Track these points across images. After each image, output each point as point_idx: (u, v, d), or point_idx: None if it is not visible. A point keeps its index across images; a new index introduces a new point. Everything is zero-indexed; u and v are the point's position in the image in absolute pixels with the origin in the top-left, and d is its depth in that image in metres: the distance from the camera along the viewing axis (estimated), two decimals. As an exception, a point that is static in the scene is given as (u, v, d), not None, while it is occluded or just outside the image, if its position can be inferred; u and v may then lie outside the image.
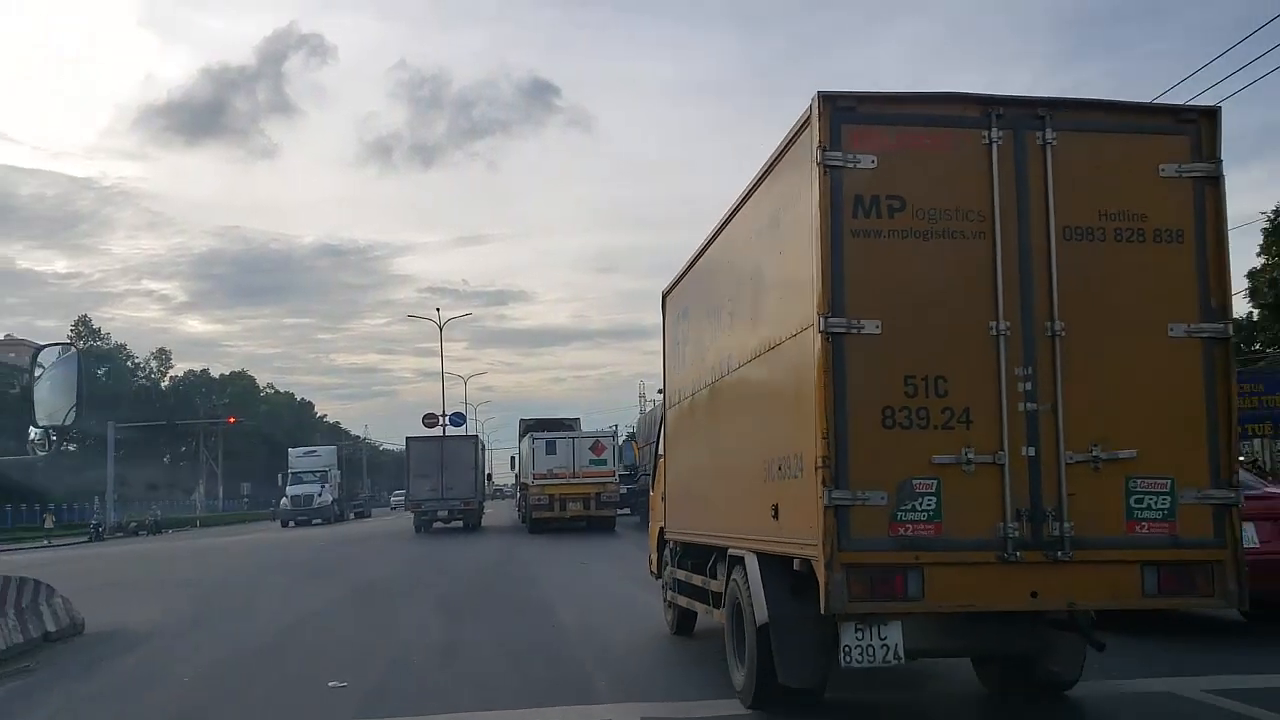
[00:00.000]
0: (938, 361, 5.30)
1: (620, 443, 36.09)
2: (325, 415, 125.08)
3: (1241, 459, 12.12)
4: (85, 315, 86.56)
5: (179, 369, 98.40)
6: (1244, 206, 51.94)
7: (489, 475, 45.87)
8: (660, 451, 10.04)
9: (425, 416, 56.97)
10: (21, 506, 59.09)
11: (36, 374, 6.71)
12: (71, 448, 78.32)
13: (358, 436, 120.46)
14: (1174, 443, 5.37)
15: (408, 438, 38.43)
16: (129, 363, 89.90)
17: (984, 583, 5.27)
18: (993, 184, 5.40)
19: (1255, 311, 34.99)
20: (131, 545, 37.52)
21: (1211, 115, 5.59)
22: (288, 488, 55.47)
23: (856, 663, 5.42)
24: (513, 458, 41.84)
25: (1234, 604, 5.40)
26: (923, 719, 6.63)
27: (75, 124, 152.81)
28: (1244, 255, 34.78)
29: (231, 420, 77.60)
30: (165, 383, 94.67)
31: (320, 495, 53.66)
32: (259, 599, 15.51)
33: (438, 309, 56.03)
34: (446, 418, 56.00)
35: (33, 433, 7.00)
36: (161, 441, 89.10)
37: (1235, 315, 7.20)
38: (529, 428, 38.11)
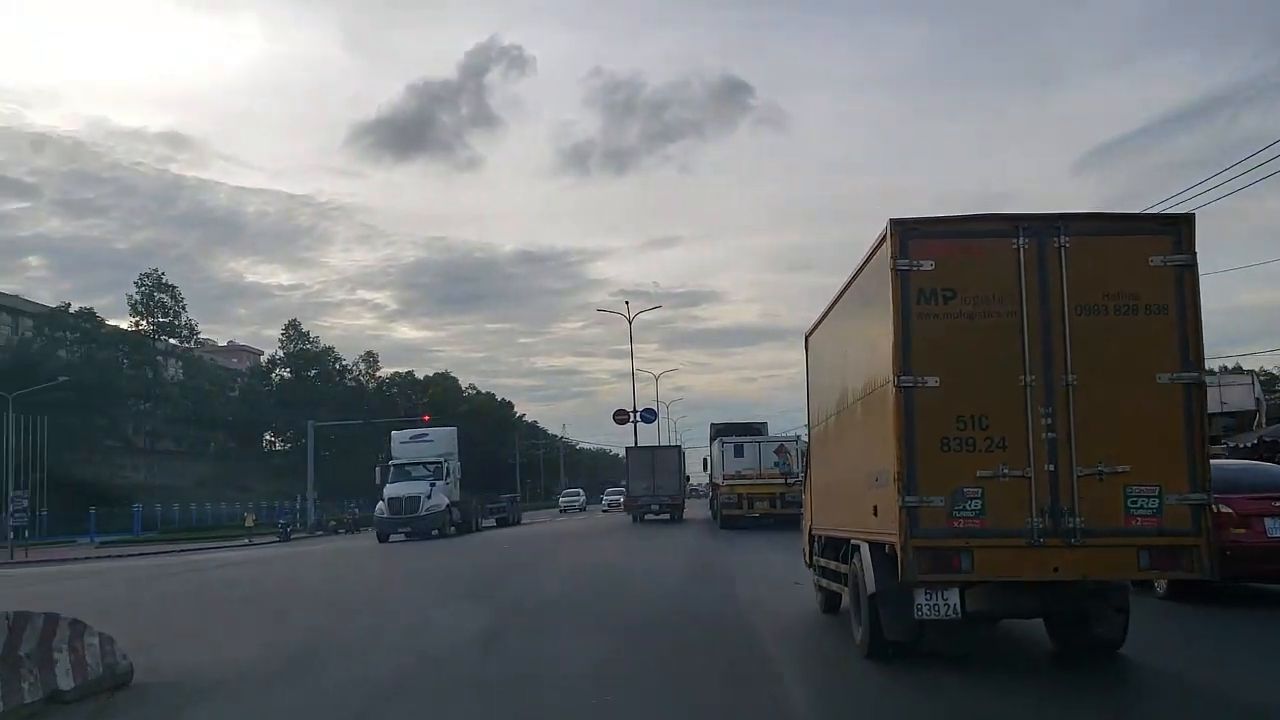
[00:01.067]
0: (981, 405, 7.51)
1: (802, 447, 38.32)
2: (524, 415, 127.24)
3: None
4: (295, 319, 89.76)
5: (385, 372, 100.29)
6: None
7: (687, 477, 50.61)
8: (808, 463, 12.40)
9: (616, 413, 57.77)
10: (221, 505, 61.52)
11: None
12: (281, 446, 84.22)
13: (555, 435, 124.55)
14: (1161, 460, 7.39)
15: (627, 447, 48.20)
16: (337, 365, 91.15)
17: (1017, 560, 7.45)
18: (1020, 277, 7.57)
19: None
20: (319, 544, 36.37)
21: (1189, 220, 7.62)
22: (386, 486, 38.80)
23: (927, 616, 7.70)
24: (704, 459, 44.66)
25: (1208, 576, 7.37)
26: (990, 667, 8.71)
27: (292, 145, 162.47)
28: None
29: (426, 418, 74.01)
30: (371, 385, 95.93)
31: (430, 497, 37.58)
32: (402, 618, 13.52)
33: (626, 302, 57.02)
34: (637, 414, 57.69)
35: None
36: (364, 441, 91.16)
37: None
38: (719, 431, 41.02)
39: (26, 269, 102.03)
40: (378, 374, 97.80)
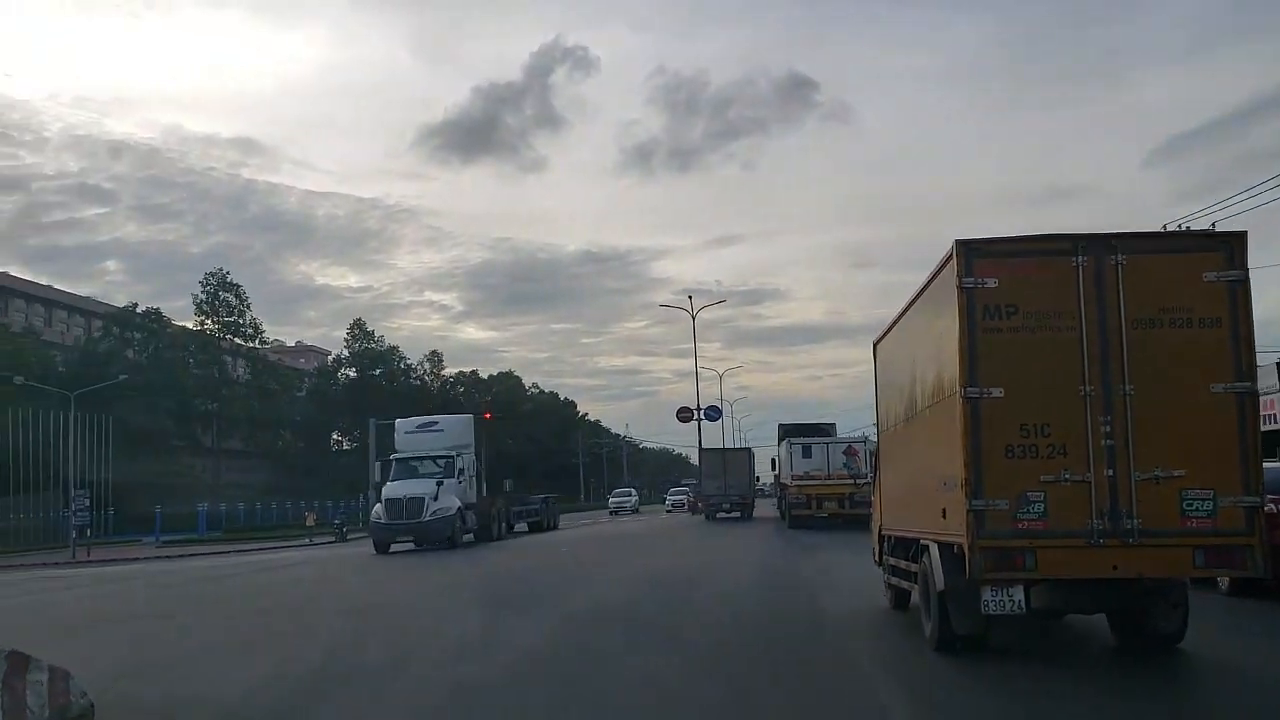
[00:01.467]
0: (1043, 414, 8.03)
1: (871, 449, 38.86)
2: (586, 414, 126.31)
3: None
4: (360, 319, 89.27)
5: (450, 371, 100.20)
6: None
7: (757, 477, 52.10)
8: (876, 466, 12.93)
9: (679, 410, 57.84)
10: (287, 505, 59.34)
11: None
12: (348, 445, 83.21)
13: (618, 435, 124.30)
14: (1215, 464, 7.85)
15: (701, 449, 53.05)
16: (402, 364, 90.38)
17: (1078, 560, 7.97)
18: (1079, 293, 8.08)
19: None
20: (367, 545, 32.27)
21: (1240, 237, 8.06)
22: (385, 485, 33.04)
23: (993, 611, 8.23)
24: (773, 459, 45.17)
25: (1260, 574, 7.84)
26: (1053, 659, 9.20)
27: (360, 149, 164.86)
28: None
29: (488, 416, 70.25)
30: (436, 384, 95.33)
31: (437, 499, 31.53)
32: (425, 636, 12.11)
33: (690, 296, 55.93)
34: (701, 411, 57.71)
35: None
36: None
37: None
38: (787, 432, 41.49)
39: (105, 273, 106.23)
40: (442, 373, 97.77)
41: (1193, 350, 7.97)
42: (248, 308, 71.17)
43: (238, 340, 71.60)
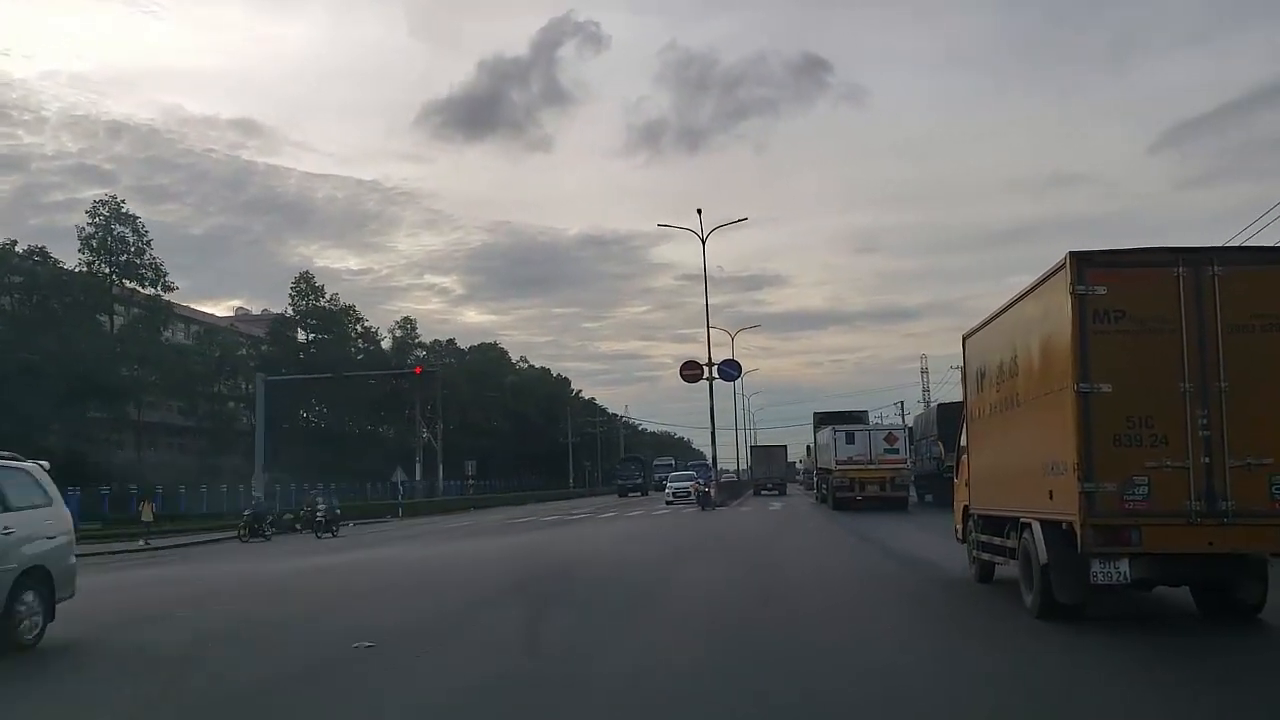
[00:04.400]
0: (1147, 407, 9.08)
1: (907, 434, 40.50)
2: (580, 391, 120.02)
3: None
4: (306, 273, 74.60)
5: (426, 340, 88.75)
6: None
7: (792, 464, 76.01)
8: (963, 449, 13.98)
9: (684, 366, 47.92)
10: (131, 488, 45.47)
11: None
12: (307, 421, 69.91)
13: (615, 415, 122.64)
14: None
15: (752, 446, 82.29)
16: (359, 327, 76.21)
17: (1178, 536, 9.04)
18: (1180, 301, 9.11)
19: None
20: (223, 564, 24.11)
21: (1329, 252, 9.08)
22: None
23: (1101, 582, 9.27)
24: (808, 446, 46.50)
25: (1343, 553, 8.89)
26: (1143, 627, 10.25)
27: (361, 131, 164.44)
28: None
29: (419, 370, 62.25)
30: (392, 347, 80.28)
31: None
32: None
33: (699, 210, 45.51)
34: (714, 367, 47.52)
35: None
36: (382, 419, 78.63)
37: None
38: (822, 419, 43.62)
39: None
40: (415, 340, 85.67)
41: None
42: (147, 245, 55.12)
43: (130, 284, 55.37)
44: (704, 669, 8.39)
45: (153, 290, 55.64)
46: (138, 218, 55.12)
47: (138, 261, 54.63)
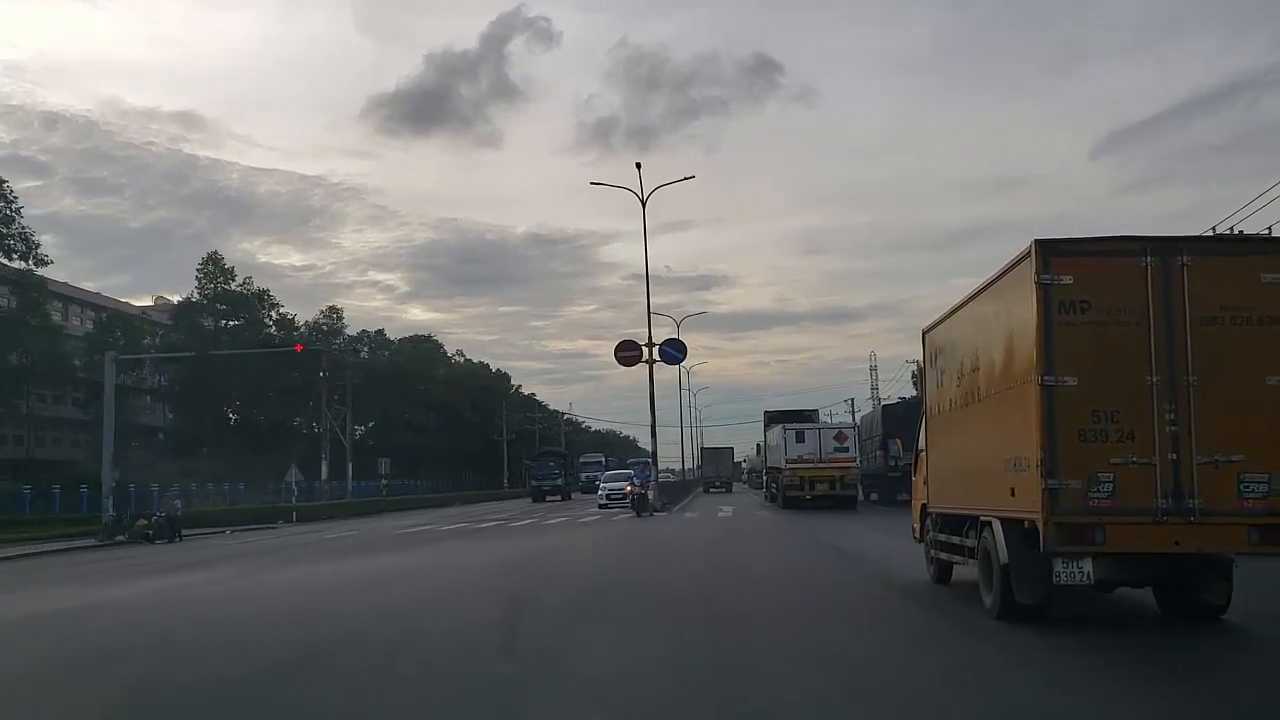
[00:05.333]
0: (1113, 401, 8.75)
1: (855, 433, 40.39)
2: (520, 386, 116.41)
3: None
4: (215, 252, 68.67)
5: (353, 331, 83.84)
6: None
7: (738, 462, 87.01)
8: (922, 447, 13.64)
9: (620, 346, 42.03)
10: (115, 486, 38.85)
11: None
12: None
13: (557, 412, 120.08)
14: (1271, 450, 8.61)
15: (703, 448, 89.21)
16: (273, 314, 71.16)
17: (1143, 535, 8.71)
18: (1147, 291, 8.80)
19: None
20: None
21: (1298, 241, 8.81)
22: None
23: (1064, 582, 8.94)
24: (758, 445, 46.30)
25: (1313, 553, 8.62)
26: (1105, 628, 9.94)
27: (306, 126, 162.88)
28: None
29: (299, 348, 55.35)
30: (303, 334, 72.04)
31: None
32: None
33: (638, 165, 40.19)
34: (656, 348, 41.80)
35: None
36: (293, 413, 73.34)
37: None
38: (773, 418, 43.26)
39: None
40: (339, 329, 79.75)
41: (1251, 345, 8.70)
42: (17, 214, 48.71)
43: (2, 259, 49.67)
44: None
45: (23, 264, 49.25)
46: (4, 181, 48.21)
47: (4, 230, 47.77)
